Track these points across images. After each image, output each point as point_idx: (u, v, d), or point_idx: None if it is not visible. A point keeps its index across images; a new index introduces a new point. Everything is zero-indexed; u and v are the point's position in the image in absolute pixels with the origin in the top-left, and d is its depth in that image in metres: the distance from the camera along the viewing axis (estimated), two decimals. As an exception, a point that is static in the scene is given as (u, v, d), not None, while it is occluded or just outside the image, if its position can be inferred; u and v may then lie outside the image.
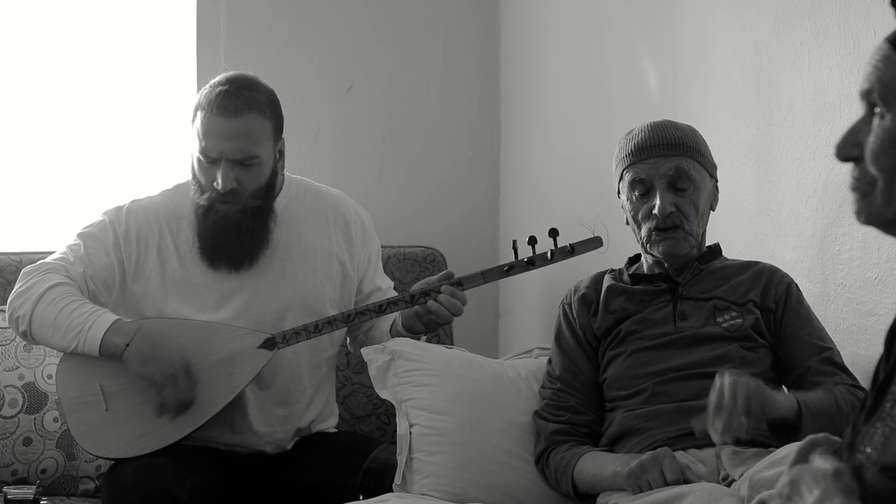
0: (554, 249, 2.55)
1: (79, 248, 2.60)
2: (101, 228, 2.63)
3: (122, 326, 2.51)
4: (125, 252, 2.61)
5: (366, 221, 2.79)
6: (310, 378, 2.71)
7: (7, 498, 2.38)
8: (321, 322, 2.57)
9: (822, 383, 2.19)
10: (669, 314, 2.34)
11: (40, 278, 2.55)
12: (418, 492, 2.37)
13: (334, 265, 2.71)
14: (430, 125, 3.61)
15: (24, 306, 2.54)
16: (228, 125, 2.50)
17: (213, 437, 2.63)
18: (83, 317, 2.50)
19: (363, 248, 2.76)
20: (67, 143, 3.36)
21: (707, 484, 1.98)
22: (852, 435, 1.19)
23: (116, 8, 3.39)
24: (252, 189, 2.56)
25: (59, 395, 2.59)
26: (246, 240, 2.58)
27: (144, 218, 2.63)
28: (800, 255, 2.43)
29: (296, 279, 2.66)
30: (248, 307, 2.61)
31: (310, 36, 3.50)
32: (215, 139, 2.51)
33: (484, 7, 3.64)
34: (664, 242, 2.31)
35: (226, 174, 2.52)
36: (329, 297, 2.69)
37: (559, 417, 2.37)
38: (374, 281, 2.78)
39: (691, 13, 2.76)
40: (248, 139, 2.52)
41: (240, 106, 2.51)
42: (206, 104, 2.52)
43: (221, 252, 2.58)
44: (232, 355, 2.54)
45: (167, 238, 2.62)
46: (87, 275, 2.58)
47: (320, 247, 2.70)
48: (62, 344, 2.52)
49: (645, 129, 2.36)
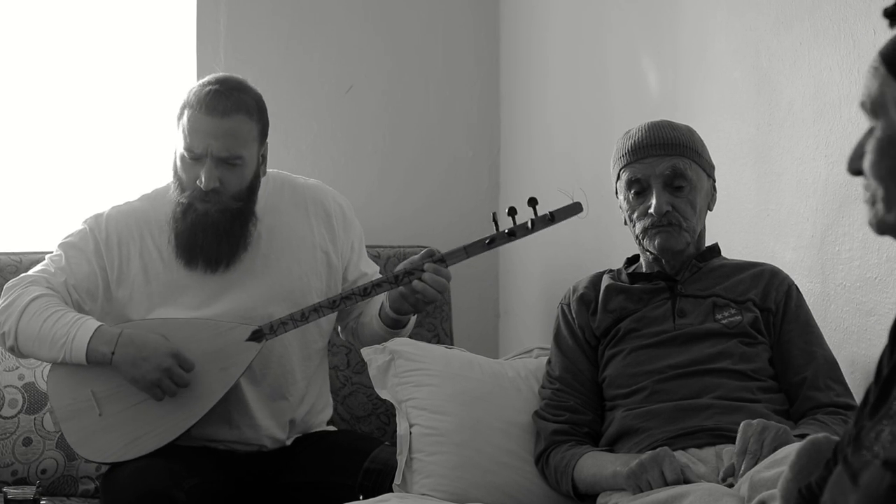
0: (534, 218, 2.52)
1: (60, 258, 2.61)
2: (81, 237, 2.63)
3: (104, 333, 2.51)
4: (107, 259, 2.61)
5: (346, 209, 2.79)
6: (301, 370, 2.71)
7: (7, 498, 2.38)
8: (307, 310, 2.57)
9: (816, 399, 2.22)
10: (668, 312, 2.34)
11: (21, 291, 2.55)
12: (418, 492, 2.38)
13: (318, 255, 2.71)
14: (430, 125, 3.61)
15: (8, 322, 2.54)
16: (216, 124, 2.51)
17: (211, 434, 2.63)
18: (66, 327, 2.50)
19: (345, 236, 2.76)
20: (67, 143, 3.35)
21: (707, 484, 1.98)
22: (856, 430, 1.19)
23: (116, 8, 3.39)
24: (234, 190, 2.56)
25: (51, 404, 2.59)
26: (223, 241, 2.59)
27: (125, 223, 2.64)
28: (800, 255, 2.43)
29: (280, 273, 2.66)
30: (235, 305, 2.61)
31: (310, 36, 3.50)
32: (202, 136, 2.52)
33: (484, 7, 3.63)
34: (659, 236, 2.31)
35: (210, 172, 2.52)
36: (315, 288, 2.69)
37: (559, 417, 2.37)
38: (358, 267, 2.78)
39: (691, 13, 2.76)
40: (235, 139, 2.53)
41: (229, 106, 2.52)
42: (195, 102, 2.53)
43: (199, 251, 2.59)
44: (220, 350, 2.54)
45: (149, 242, 2.63)
46: (69, 284, 2.58)
47: (302, 238, 2.70)
48: (50, 355, 2.53)
49: (642, 129, 2.36)
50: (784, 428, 1.99)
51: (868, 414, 1.19)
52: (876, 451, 1.13)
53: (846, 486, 1.17)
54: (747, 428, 1.98)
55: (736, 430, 2.03)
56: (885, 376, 1.19)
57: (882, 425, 1.15)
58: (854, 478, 1.16)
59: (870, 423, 1.17)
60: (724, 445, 2.14)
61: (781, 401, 2.27)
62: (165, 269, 2.61)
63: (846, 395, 2.25)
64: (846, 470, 1.18)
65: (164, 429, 2.52)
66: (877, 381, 1.22)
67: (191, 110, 2.53)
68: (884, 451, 1.12)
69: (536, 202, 2.49)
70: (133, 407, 2.52)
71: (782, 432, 1.96)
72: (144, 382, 2.49)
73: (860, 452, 1.16)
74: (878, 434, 1.15)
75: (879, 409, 1.17)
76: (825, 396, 2.23)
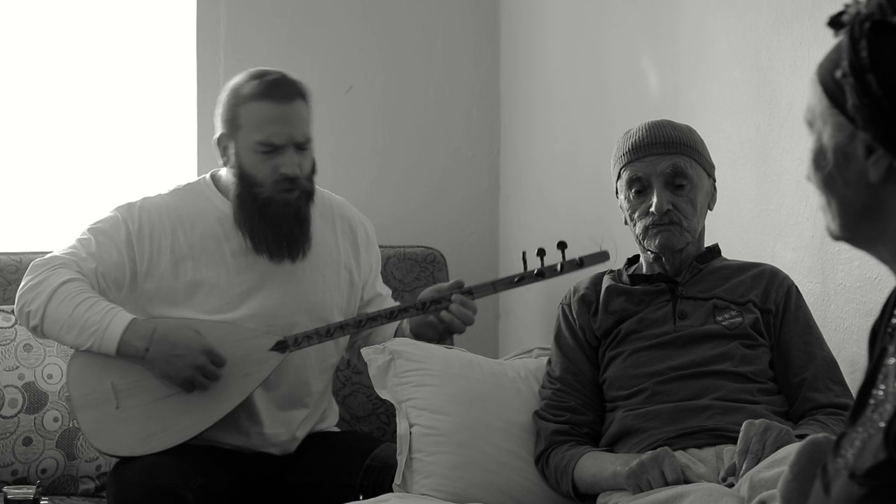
0: (563, 262, 2.59)
1: (90, 242, 2.58)
2: (112, 225, 2.60)
3: (139, 328, 2.50)
4: (137, 250, 2.59)
5: (369, 230, 2.81)
6: (316, 383, 2.71)
7: (7, 498, 2.38)
8: (332, 326, 2.58)
9: (815, 399, 2.22)
10: (669, 313, 2.34)
11: (51, 273, 2.53)
12: (418, 492, 2.38)
13: (342, 272, 2.71)
14: (430, 125, 3.61)
15: (35, 301, 2.51)
16: (287, 109, 2.54)
17: (219, 437, 2.62)
18: (99, 315, 2.49)
19: (367, 258, 2.77)
20: (67, 142, 3.35)
21: (707, 484, 1.98)
22: (839, 436, 1.19)
23: (116, 7, 3.39)
24: (307, 173, 2.60)
25: (69, 392, 2.58)
26: (305, 226, 2.61)
27: (157, 217, 2.62)
28: (800, 255, 2.43)
29: (306, 284, 2.66)
30: (259, 312, 2.61)
31: (310, 36, 3.50)
32: (278, 125, 2.53)
33: (484, 7, 3.63)
34: (660, 235, 2.31)
35: (292, 159, 2.54)
36: (337, 304, 2.69)
37: (559, 418, 2.37)
38: (374, 288, 2.79)
39: (691, 13, 2.76)
40: (304, 122, 2.58)
41: (290, 91, 2.57)
42: (257, 93, 2.54)
43: (283, 243, 2.58)
44: (244, 356, 2.54)
45: (180, 237, 2.61)
46: (98, 271, 2.56)
47: (328, 254, 2.70)
48: (77, 342, 2.51)
49: (642, 128, 2.36)
50: (786, 429, 1.99)
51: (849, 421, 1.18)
52: (848, 460, 1.13)
53: (820, 497, 1.16)
54: (750, 428, 1.98)
55: (736, 431, 2.03)
56: (863, 382, 1.18)
57: (856, 432, 1.14)
58: (826, 488, 1.15)
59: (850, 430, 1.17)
60: (724, 446, 2.14)
61: (781, 402, 2.27)
62: (195, 267, 2.60)
63: (846, 395, 2.25)
64: (821, 479, 1.17)
65: (180, 428, 2.52)
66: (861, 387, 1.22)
67: (254, 102, 2.54)
68: (853, 461, 1.12)
69: (566, 246, 2.57)
70: (151, 403, 2.52)
71: (784, 433, 1.97)
72: (178, 379, 2.50)
73: (835, 461, 1.15)
74: (852, 441, 1.14)
75: (858, 415, 1.16)
76: (825, 397, 2.23)
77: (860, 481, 1.09)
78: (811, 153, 1.22)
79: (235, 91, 2.57)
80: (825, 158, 1.19)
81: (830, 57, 1.19)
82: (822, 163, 1.20)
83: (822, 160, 1.20)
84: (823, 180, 1.20)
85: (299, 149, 2.55)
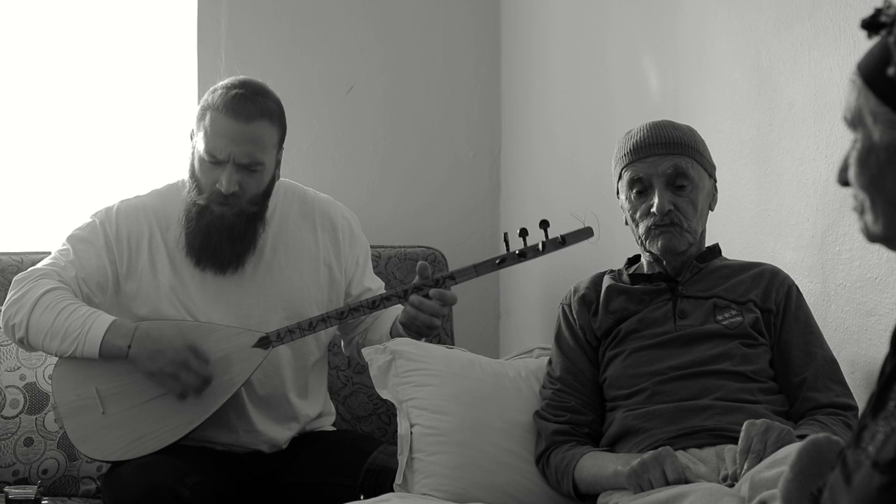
0: (545, 241, 2.54)
1: (68, 252, 2.61)
2: (90, 230, 2.63)
3: (120, 327, 2.51)
4: (117, 253, 2.62)
5: (353, 224, 2.80)
6: (294, 381, 2.71)
7: (8, 498, 2.38)
8: (315, 319, 2.58)
9: (815, 399, 2.22)
10: (669, 313, 2.34)
11: (33, 284, 2.55)
12: (419, 492, 2.38)
13: (321, 268, 2.72)
14: (431, 125, 3.61)
15: (19, 314, 2.54)
16: (240, 128, 2.51)
17: (210, 436, 2.63)
18: (80, 320, 2.51)
19: (351, 252, 2.77)
20: (68, 142, 3.36)
21: (708, 484, 1.98)
22: (859, 429, 1.20)
23: (117, 8, 3.39)
24: (251, 195, 2.57)
25: (55, 400, 2.59)
26: (235, 244, 2.59)
27: (135, 218, 2.64)
28: (800, 255, 2.43)
29: (282, 282, 2.67)
30: (235, 309, 2.63)
31: (311, 36, 3.51)
32: (225, 141, 2.52)
33: (484, 7, 3.64)
34: (662, 237, 2.31)
35: (230, 177, 2.52)
36: (316, 300, 2.70)
37: (560, 418, 2.37)
38: (362, 283, 2.79)
39: (691, 13, 2.76)
40: (257, 145, 2.53)
41: (253, 111, 2.52)
42: (220, 105, 2.52)
43: (210, 253, 2.59)
44: (227, 355, 2.54)
45: (158, 238, 2.63)
46: (79, 278, 2.58)
47: (307, 250, 2.71)
48: (61, 349, 2.52)
49: (643, 128, 2.37)
50: (787, 429, 1.99)
51: (870, 414, 1.19)
52: (869, 452, 1.14)
53: (840, 487, 1.17)
54: (751, 427, 1.99)
55: (736, 431, 2.03)
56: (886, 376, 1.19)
57: (878, 426, 1.16)
58: (847, 478, 1.16)
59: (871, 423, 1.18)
60: (724, 445, 2.14)
61: (781, 402, 2.27)
62: (171, 266, 2.62)
63: (846, 395, 2.25)
64: (842, 470, 1.18)
65: (167, 430, 2.52)
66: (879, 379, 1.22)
67: (215, 113, 2.53)
68: (875, 452, 1.13)
69: (548, 224, 2.50)
70: (136, 407, 2.53)
71: (785, 433, 1.97)
72: (162, 376, 2.50)
73: (857, 453, 1.17)
74: (874, 435, 1.15)
75: (879, 409, 1.17)
76: (825, 397, 2.23)
77: (882, 469, 1.11)
78: (857, 153, 1.21)
79: (211, 94, 2.59)
80: (875, 157, 1.19)
81: (875, 55, 1.19)
82: (871, 161, 1.19)
83: (872, 159, 1.20)
84: (870, 179, 1.20)
85: (245, 168, 2.54)
